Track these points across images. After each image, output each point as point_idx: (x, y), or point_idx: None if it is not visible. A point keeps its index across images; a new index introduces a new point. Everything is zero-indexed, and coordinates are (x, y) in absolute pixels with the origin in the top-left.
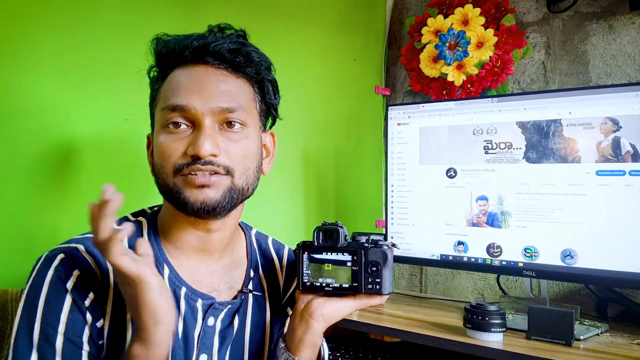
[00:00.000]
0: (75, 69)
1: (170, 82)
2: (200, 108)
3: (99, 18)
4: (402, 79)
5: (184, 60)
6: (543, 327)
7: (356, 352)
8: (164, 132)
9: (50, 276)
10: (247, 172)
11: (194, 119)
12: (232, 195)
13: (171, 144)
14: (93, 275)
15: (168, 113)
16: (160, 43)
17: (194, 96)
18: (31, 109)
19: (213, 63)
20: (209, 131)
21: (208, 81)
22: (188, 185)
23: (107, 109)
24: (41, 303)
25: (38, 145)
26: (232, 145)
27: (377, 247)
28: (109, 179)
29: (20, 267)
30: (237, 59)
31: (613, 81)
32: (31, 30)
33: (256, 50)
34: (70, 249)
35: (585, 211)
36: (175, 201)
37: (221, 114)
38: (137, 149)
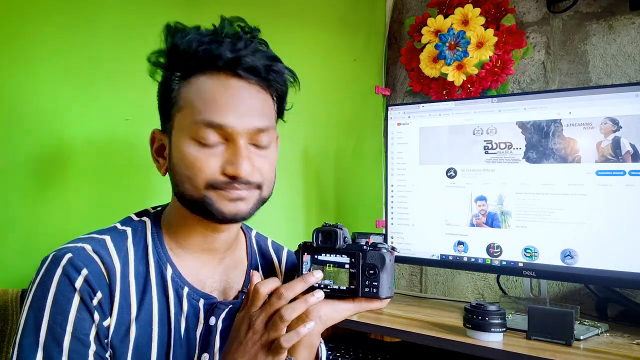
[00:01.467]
0: (75, 69)
1: (200, 90)
2: (238, 127)
3: (99, 18)
4: (402, 79)
5: (215, 67)
6: (543, 327)
7: (356, 352)
8: (195, 144)
9: (58, 275)
10: (271, 182)
11: (228, 136)
12: (259, 205)
13: (204, 158)
14: (101, 275)
15: (202, 128)
16: (185, 41)
17: (230, 114)
18: (31, 108)
19: (247, 77)
20: (245, 152)
21: (242, 98)
22: (221, 198)
23: (108, 109)
24: (49, 302)
25: (38, 144)
26: (263, 162)
27: (375, 250)
28: (109, 178)
29: (21, 267)
30: (270, 76)
31: (613, 81)
32: (31, 29)
33: (285, 66)
34: (78, 249)
35: (585, 211)
36: (203, 211)
37: (256, 133)
38: (137, 148)
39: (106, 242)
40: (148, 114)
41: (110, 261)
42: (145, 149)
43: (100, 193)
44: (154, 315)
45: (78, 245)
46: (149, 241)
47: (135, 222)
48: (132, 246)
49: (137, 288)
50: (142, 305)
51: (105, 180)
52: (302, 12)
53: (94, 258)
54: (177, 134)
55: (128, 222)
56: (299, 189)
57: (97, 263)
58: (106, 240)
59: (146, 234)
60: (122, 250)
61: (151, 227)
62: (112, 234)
